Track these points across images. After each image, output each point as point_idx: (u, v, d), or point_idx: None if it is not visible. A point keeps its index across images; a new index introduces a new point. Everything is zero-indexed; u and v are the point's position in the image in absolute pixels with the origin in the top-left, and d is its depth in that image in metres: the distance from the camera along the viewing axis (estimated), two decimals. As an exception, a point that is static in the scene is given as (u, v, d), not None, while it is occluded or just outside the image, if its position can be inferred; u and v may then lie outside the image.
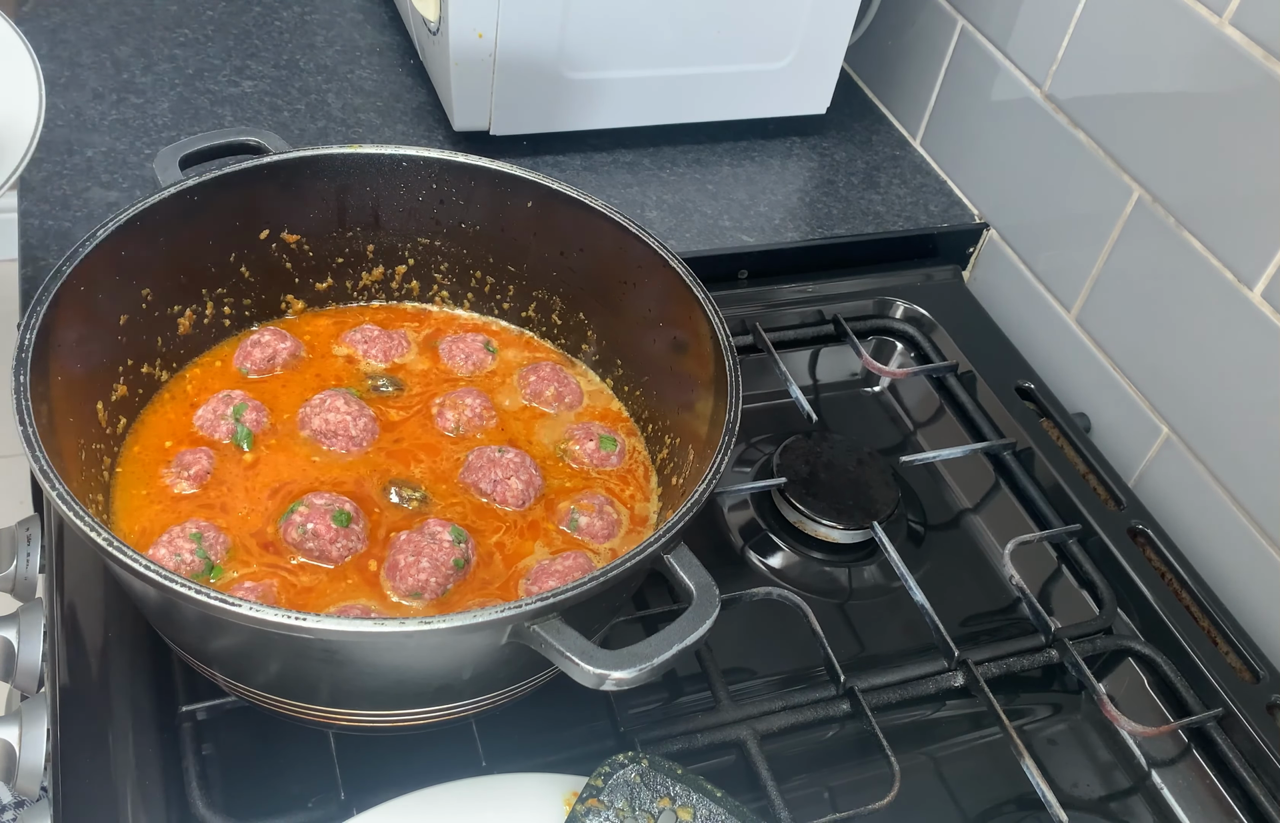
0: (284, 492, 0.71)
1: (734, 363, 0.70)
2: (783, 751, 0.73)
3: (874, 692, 0.75)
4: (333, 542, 0.67)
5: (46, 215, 0.91)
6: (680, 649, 0.56)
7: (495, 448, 0.76)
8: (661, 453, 0.78)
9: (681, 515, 0.61)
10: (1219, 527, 0.88)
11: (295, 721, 0.63)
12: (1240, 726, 0.77)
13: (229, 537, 0.68)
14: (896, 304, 1.05)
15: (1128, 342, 0.96)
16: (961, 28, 1.11)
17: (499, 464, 0.74)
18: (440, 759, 0.65)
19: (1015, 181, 1.07)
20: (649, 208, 1.05)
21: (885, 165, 1.17)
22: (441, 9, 0.97)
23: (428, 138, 1.06)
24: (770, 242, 1.05)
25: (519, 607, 0.54)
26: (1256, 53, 0.81)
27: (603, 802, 0.60)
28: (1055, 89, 1.01)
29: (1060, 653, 0.79)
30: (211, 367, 0.79)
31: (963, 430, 0.97)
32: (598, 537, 0.73)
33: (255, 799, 0.65)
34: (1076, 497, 0.89)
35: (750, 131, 1.16)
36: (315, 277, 0.83)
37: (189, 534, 0.66)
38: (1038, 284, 1.05)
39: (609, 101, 1.07)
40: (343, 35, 1.17)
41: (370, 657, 0.57)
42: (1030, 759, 0.73)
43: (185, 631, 0.61)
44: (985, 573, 0.90)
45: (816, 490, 0.87)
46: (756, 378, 0.97)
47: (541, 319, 0.86)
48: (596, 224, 0.79)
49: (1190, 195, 0.88)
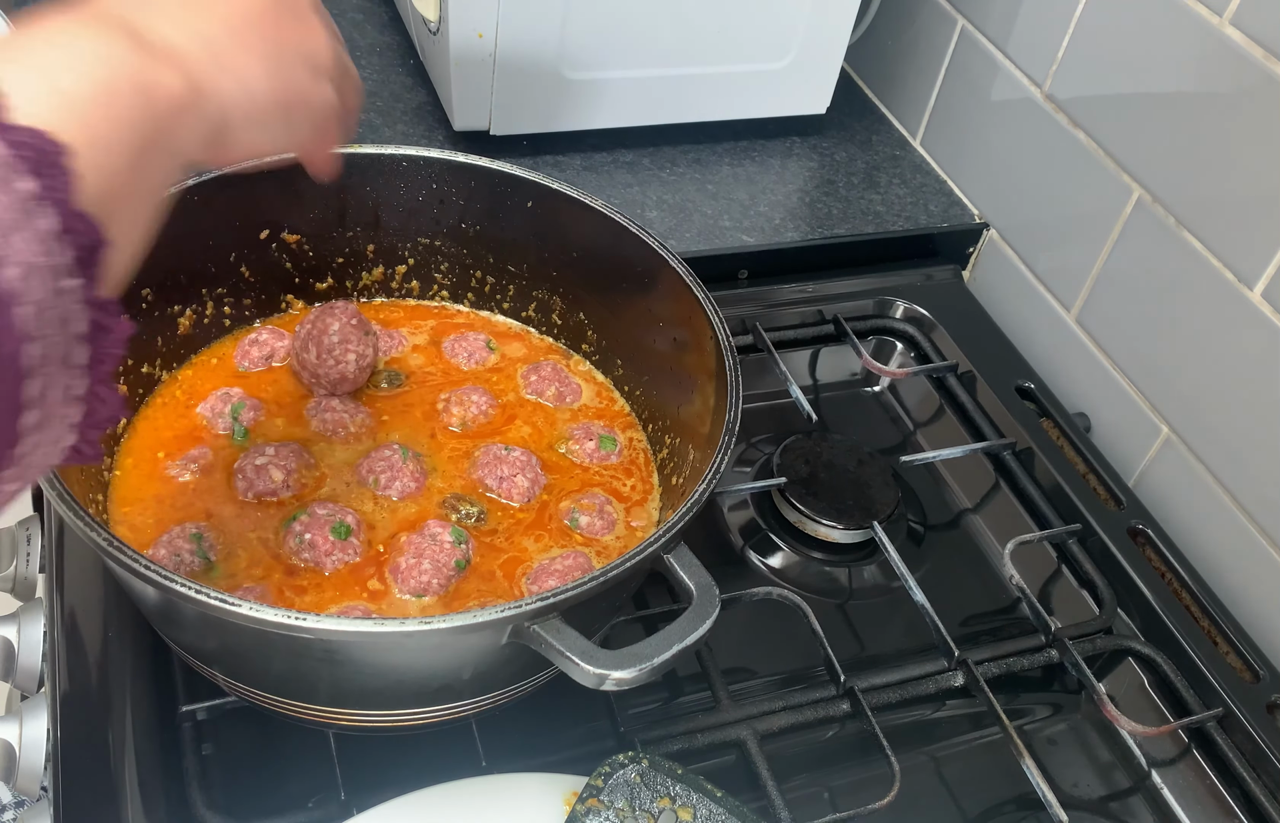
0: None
1: (734, 363, 0.70)
2: (783, 751, 0.73)
3: (874, 692, 0.75)
4: (328, 554, 0.67)
5: (46, 215, 0.91)
6: (680, 649, 0.56)
7: (502, 445, 0.76)
8: (662, 452, 0.78)
9: (681, 515, 0.61)
10: (1219, 527, 0.88)
11: (295, 721, 0.63)
12: (1240, 726, 0.77)
13: (229, 537, 0.68)
14: (896, 304, 1.05)
15: (1128, 342, 0.96)
16: (961, 28, 1.11)
17: (506, 462, 0.74)
18: (440, 759, 0.65)
19: (1015, 182, 1.07)
20: (649, 208, 1.05)
21: (885, 165, 1.17)
22: (441, 9, 0.97)
23: (428, 138, 1.06)
24: (770, 242, 1.05)
25: (519, 607, 0.54)
26: (1256, 53, 0.81)
27: (603, 802, 0.60)
28: (1055, 89, 1.01)
29: (1060, 653, 0.79)
30: (208, 365, 0.79)
31: (963, 430, 0.97)
32: (598, 536, 0.73)
33: (255, 799, 0.65)
34: (1076, 497, 0.89)
35: (750, 131, 1.16)
36: (315, 276, 0.83)
37: (189, 534, 0.66)
38: (1038, 284, 1.05)
39: (609, 101, 1.07)
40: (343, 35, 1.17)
41: (370, 657, 0.57)
42: (1030, 759, 0.73)
43: (185, 630, 0.61)
44: (985, 573, 0.90)
45: (816, 490, 0.87)
46: (756, 378, 0.97)
47: (541, 319, 0.86)
48: (596, 224, 0.79)
49: (1190, 195, 0.88)
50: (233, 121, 0.49)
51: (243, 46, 0.50)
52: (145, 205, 0.43)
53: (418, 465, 0.73)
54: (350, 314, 0.75)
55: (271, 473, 0.70)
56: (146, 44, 0.43)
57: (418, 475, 0.73)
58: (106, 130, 0.39)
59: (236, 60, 0.49)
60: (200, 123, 0.46)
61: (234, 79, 0.49)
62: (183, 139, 0.45)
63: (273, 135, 0.53)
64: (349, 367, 0.75)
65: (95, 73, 0.40)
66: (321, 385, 0.76)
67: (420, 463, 0.74)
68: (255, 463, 0.71)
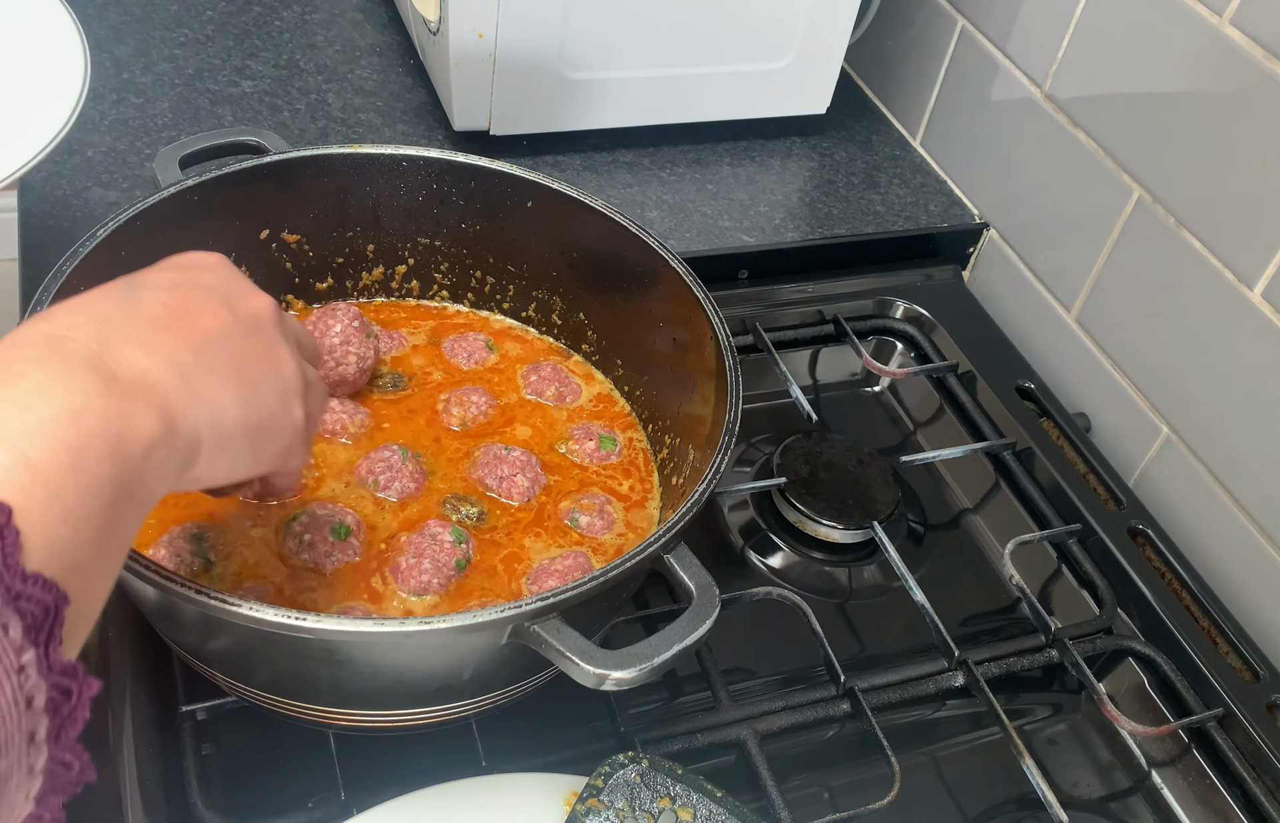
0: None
1: (734, 363, 0.70)
2: (783, 751, 0.73)
3: (874, 692, 0.75)
4: (328, 554, 0.67)
5: (46, 215, 0.91)
6: (680, 649, 0.56)
7: (502, 446, 0.76)
8: (662, 453, 0.78)
9: (681, 515, 0.61)
10: (1219, 527, 0.88)
11: (295, 721, 0.63)
12: (1240, 726, 0.77)
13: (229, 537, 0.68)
14: (896, 304, 1.05)
15: (1128, 342, 0.96)
16: (961, 28, 1.11)
17: (506, 461, 0.74)
18: (440, 759, 0.65)
19: (1015, 182, 1.07)
20: (649, 208, 1.05)
21: (885, 165, 1.17)
22: (441, 9, 0.97)
23: (428, 138, 1.06)
24: (770, 242, 1.05)
25: (519, 607, 0.54)
26: (1256, 53, 0.81)
27: (603, 802, 0.60)
28: (1055, 89, 1.01)
29: (1060, 653, 0.79)
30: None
31: (963, 430, 0.97)
32: (598, 536, 0.73)
33: (255, 799, 0.65)
34: (1076, 497, 0.89)
35: (750, 131, 1.16)
36: (315, 277, 0.83)
37: (189, 534, 0.66)
38: (1038, 284, 1.05)
39: (609, 101, 1.07)
40: (343, 35, 1.17)
41: (370, 657, 0.57)
42: (1030, 759, 0.73)
43: (185, 630, 0.61)
44: (985, 573, 0.90)
45: (816, 490, 0.87)
46: (756, 378, 0.97)
47: (541, 319, 0.86)
48: (596, 224, 0.79)
49: (1190, 195, 0.88)
50: (202, 452, 0.47)
51: (212, 371, 0.47)
52: (114, 559, 0.42)
53: (417, 466, 0.73)
54: (352, 316, 0.75)
55: None
56: (117, 381, 0.42)
57: (417, 476, 0.73)
58: (76, 498, 0.38)
59: (208, 385, 0.47)
60: (171, 457, 0.44)
61: (206, 406, 0.46)
62: (153, 481, 0.43)
63: (240, 463, 0.51)
64: (349, 369, 0.75)
65: (65, 436, 0.38)
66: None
67: (419, 464, 0.74)
68: None
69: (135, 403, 0.42)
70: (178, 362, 0.45)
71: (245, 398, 0.49)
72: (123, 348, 0.43)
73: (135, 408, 0.42)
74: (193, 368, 0.46)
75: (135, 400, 0.42)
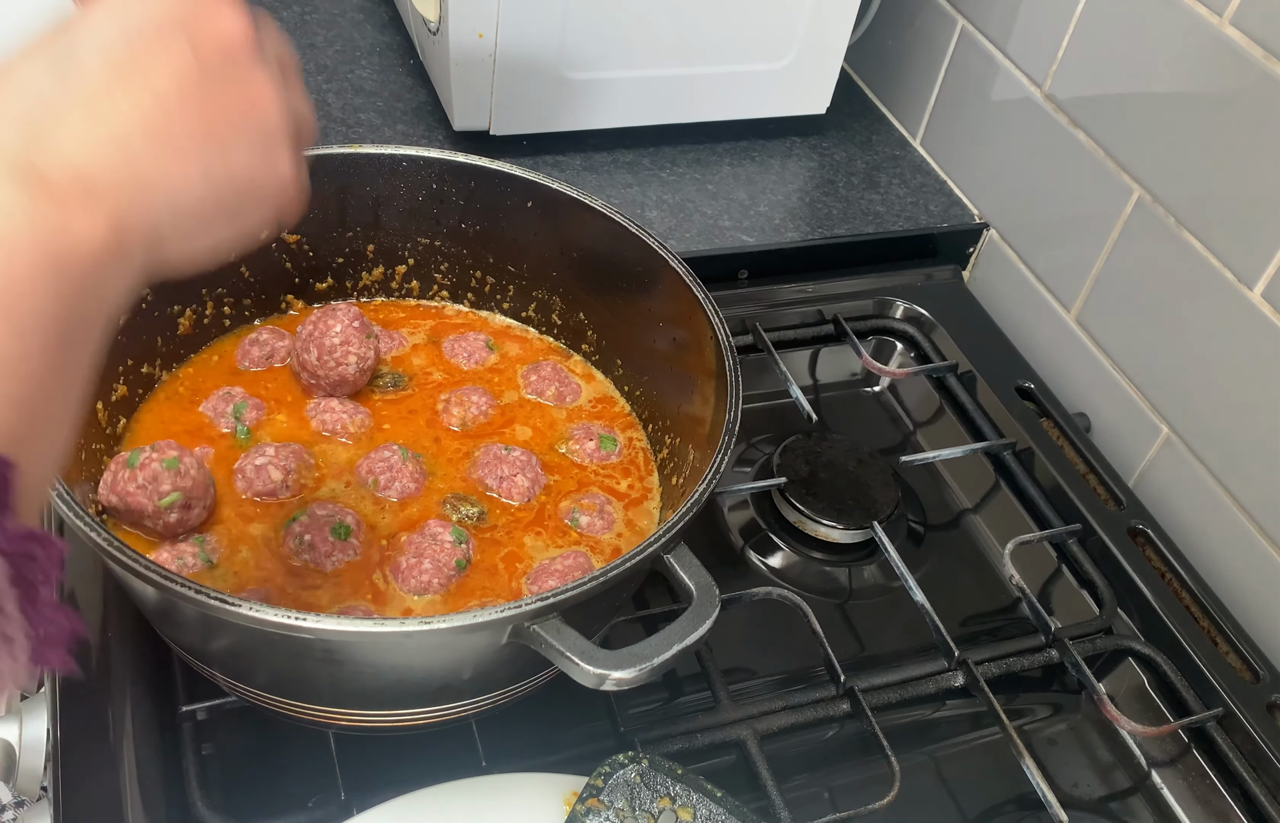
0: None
1: (734, 363, 0.70)
2: (783, 751, 0.73)
3: (874, 692, 0.75)
4: (328, 555, 0.67)
5: (46, 215, 0.91)
6: (680, 649, 0.56)
7: (502, 446, 0.76)
8: (662, 452, 0.78)
9: (681, 515, 0.61)
10: (1219, 527, 0.88)
11: (295, 721, 0.63)
12: (1240, 726, 0.77)
13: (230, 537, 0.68)
14: (896, 304, 1.05)
15: (1128, 342, 0.96)
16: (961, 28, 1.11)
17: (506, 461, 0.74)
18: (440, 759, 0.65)
19: (1015, 182, 1.07)
20: (649, 208, 1.05)
21: (885, 165, 1.17)
22: (441, 9, 0.97)
23: (428, 138, 1.06)
24: (770, 242, 1.05)
25: (519, 607, 0.54)
26: (1256, 53, 0.81)
27: (603, 802, 0.60)
28: (1055, 89, 1.01)
29: (1060, 653, 0.79)
30: (209, 363, 0.79)
31: (963, 430, 0.97)
32: (598, 536, 0.73)
33: (255, 799, 0.65)
34: (1076, 497, 0.89)
35: (750, 131, 1.16)
36: (315, 276, 0.83)
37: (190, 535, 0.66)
38: (1038, 284, 1.05)
39: (609, 101, 1.07)
40: (343, 35, 1.17)
41: (370, 657, 0.57)
42: (1030, 759, 0.73)
43: (185, 630, 0.61)
44: (985, 573, 0.90)
45: (816, 490, 0.87)
46: (756, 378, 0.97)
47: (541, 319, 0.86)
48: (596, 224, 0.79)
49: (1190, 195, 0.88)
50: (166, 244, 0.40)
51: (168, 143, 0.39)
52: (70, 395, 0.37)
53: (417, 466, 0.73)
54: (352, 316, 0.75)
55: (271, 473, 0.70)
56: (48, 185, 0.35)
57: (417, 476, 0.73)
58: (10, 343, 0.33)
59: (164, 164, 0.39)
60: (125, 266, 0.38)
61: (164, 194, 0.39)
62: (106, 294, 0.37)
63: (219, 237, 0.43)
64: (349, 369, 0.75)
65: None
66: (321, 387, 0.76)
67: (419, 464, 0.74)
68: (255, 463, 0.71)
69: (73, 210, 0.36)
70: (124, 141, 0.38)
71: (215, 167, 0.41)
72: (55, 136, 0.36)
73: (73, 216, 0.35)
74: (143, 146, 0.38)
75: (72, 207, 0.36)
